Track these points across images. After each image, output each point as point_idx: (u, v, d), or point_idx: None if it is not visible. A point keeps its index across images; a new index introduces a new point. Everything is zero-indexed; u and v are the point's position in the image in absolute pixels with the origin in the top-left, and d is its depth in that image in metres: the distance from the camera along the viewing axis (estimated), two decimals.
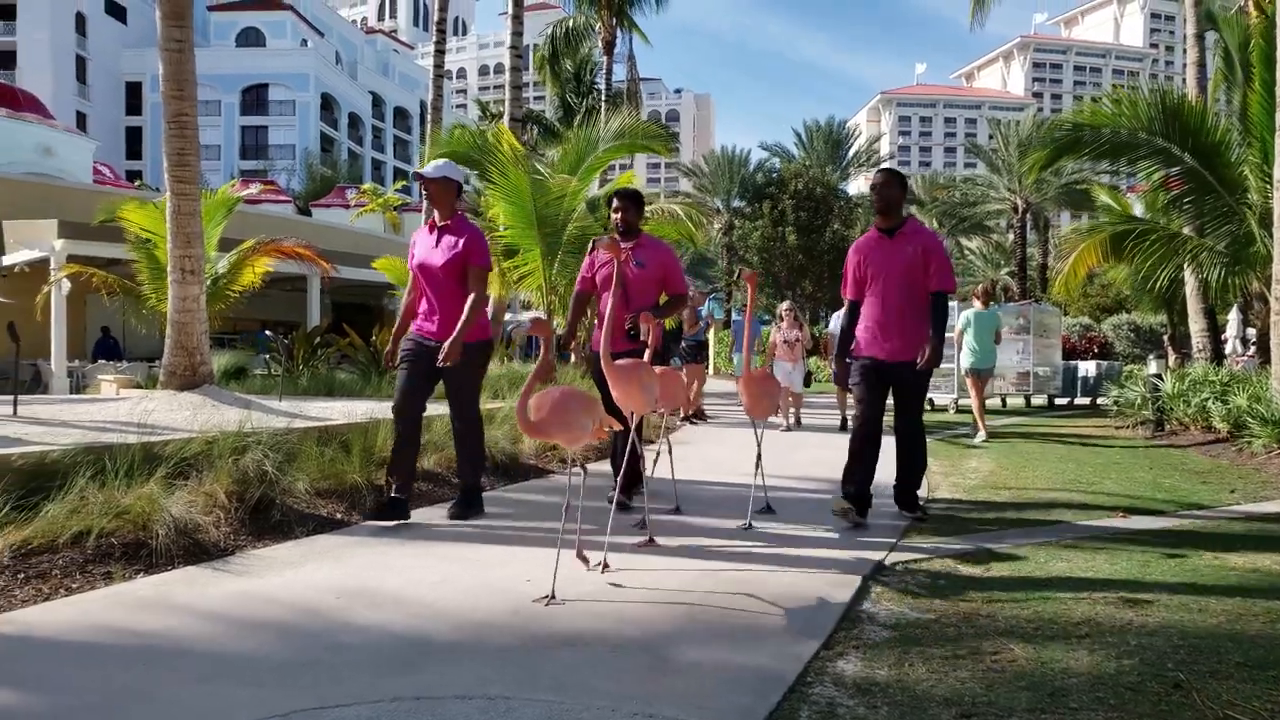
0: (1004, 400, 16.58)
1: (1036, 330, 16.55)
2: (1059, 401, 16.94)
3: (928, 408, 14.73)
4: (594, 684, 2.66)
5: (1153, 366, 11.17)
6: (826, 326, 13.79)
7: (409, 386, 4.94)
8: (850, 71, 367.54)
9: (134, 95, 61.28)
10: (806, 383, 12.19)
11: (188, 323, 7.66)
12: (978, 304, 11.34)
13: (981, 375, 11.04)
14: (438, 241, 4.96)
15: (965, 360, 11.22)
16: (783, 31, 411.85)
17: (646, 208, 16.96)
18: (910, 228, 5.18)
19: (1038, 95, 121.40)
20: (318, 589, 3.62)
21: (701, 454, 8.32)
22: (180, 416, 6.32)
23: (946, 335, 8.53)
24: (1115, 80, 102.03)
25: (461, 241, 4.91)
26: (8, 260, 18.92)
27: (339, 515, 4.96)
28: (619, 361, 4.36)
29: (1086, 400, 16.74)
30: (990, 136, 44.11)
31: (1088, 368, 17.48)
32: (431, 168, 5.03)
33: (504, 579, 3.75)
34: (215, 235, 11.22)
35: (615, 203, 5.54)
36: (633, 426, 4.71)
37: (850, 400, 10.98)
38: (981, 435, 10.26)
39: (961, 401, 14.26)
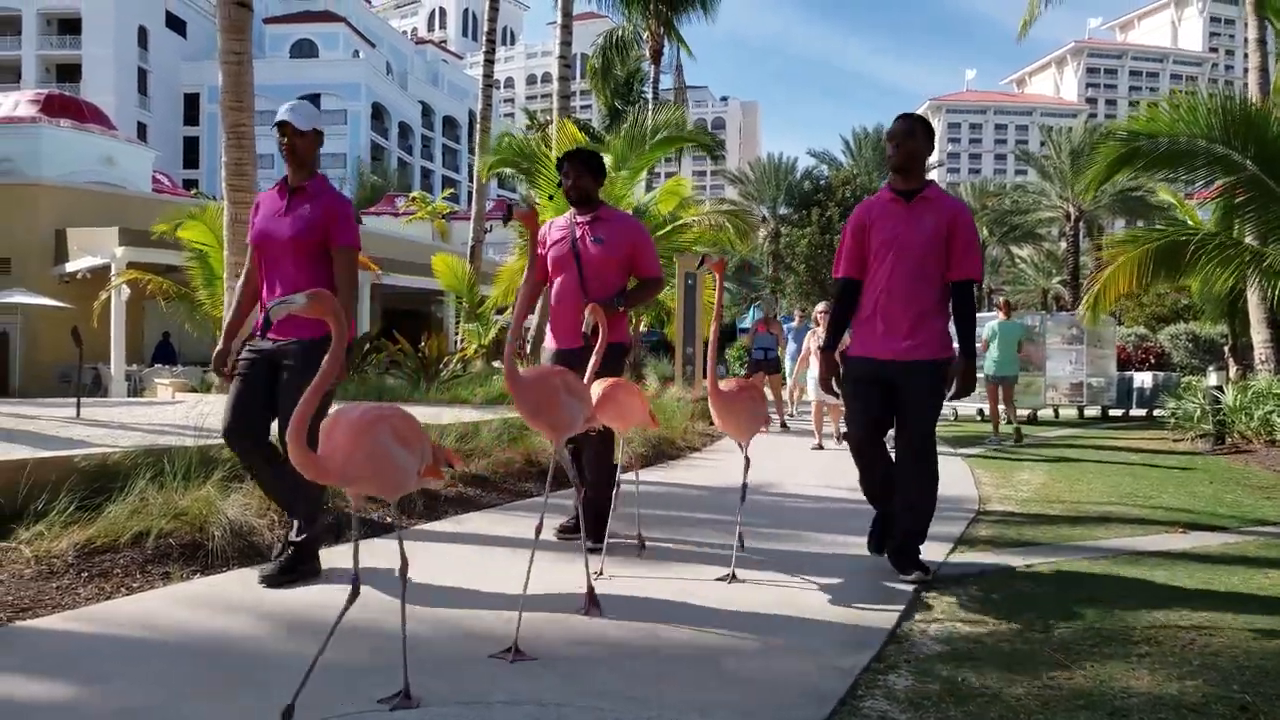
0: (1056, 411, 16.31)
1: (1090, 340, 16.26)
2: (1113, 413, 16.61)
3: (976, 417, 14.44)
4: (642, 692, 2.65)
5: (1213, 378, 10.91)
6: None
7: (242, 401, 3.79)
8: (899, 78, 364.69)
9: (192, 106, 62.74)
10: None
11: (242, 328, 7.78)
12: (1000, 315, 12.08)
13: (1004, 383, 11.71)
14: (288, 208, 3.89)
15: (987, 368, 11.79)
16: (831, 39, 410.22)
17: (691, 215, 16.96)
18: (933, 193, 4.07)
19: (1091, 101, 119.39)
20: (366, 592, 3.65)
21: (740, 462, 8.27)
22: None
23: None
24: (1173, 85, 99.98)
25: (319, 209, 3.83)
26: (71, 267, 19.48)
27: (389, 519, 5.01)
28: (524, 371, 3.35)
29: (1142, 412, 16.38)
30: (1042, 143, 43.44)
31: (1143, 378, 17.13)
32: (289, 110, 3.94)
33: (550, 585, 3.75)
34: None
35: (565, 166, 4.60)
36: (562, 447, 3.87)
37: (828, 415, 10.37)
38: (998, 439, 11.05)
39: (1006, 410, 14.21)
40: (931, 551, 4.58)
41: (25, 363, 20.64)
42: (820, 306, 11.46)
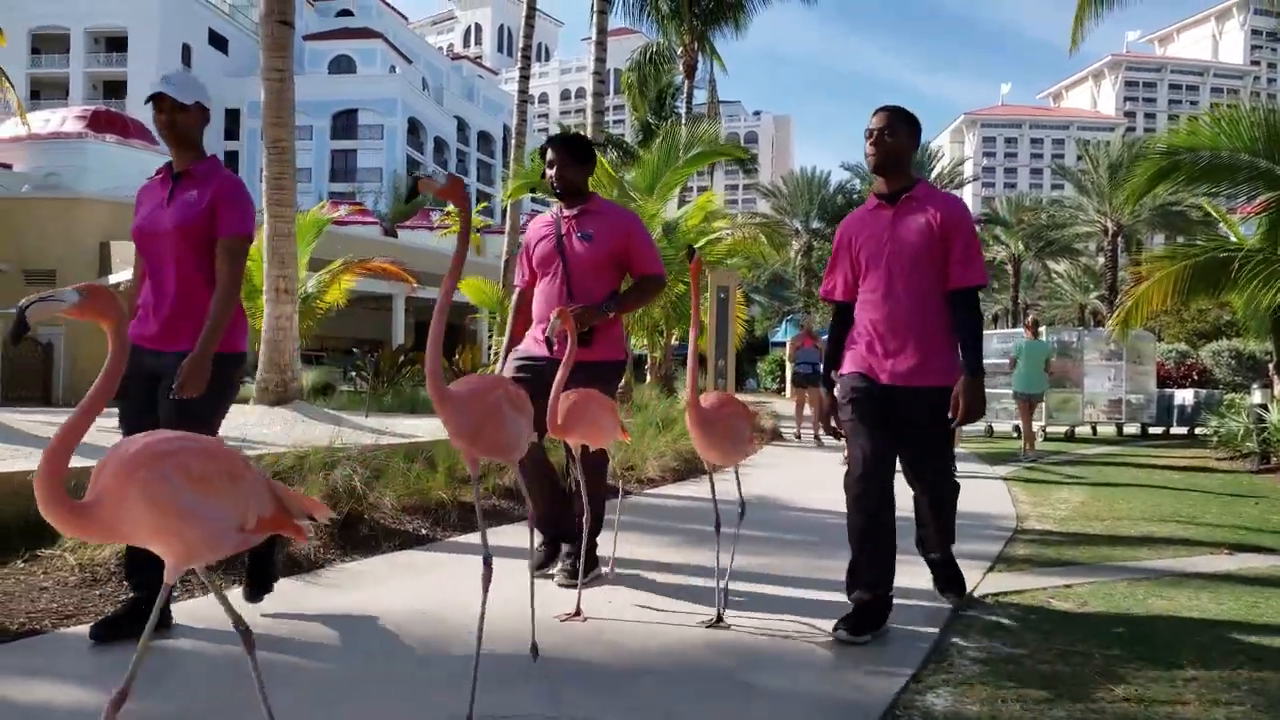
0: (1094, 428, 16.09)
1: (1130, 356, 16.04)
2: (1153, 431, 16.36)
3: (1013, 434, 14.19)
4: (677, 708, 2.64)
5: (1257, 395, 10.72)
6: None
7: (129, 428, 3.18)
8: (933, 92, 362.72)
9: (232, 121, 63.77)
10: None
11: (281, 340, 7.90)
12: (1028, 334, 12.28)
13: (1030, 400, 11.93)
14: (171, 196, 3.28)
15: (1015, 385, 12.06)
16: (865, 53, 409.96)
17: (723, 224, 16.89)
18: (923, 192, 3.57)
19: (1130, 115, 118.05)
20: (404, 605, 3.67)
21: (784, 477, 8.24)
22: (273, 431, 6.52)
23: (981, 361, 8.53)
24: (1214, 98, 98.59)
25: (207, 194, 3.23)
26: (114, 279, 19.82)
27: (424, 531, 5.04)
28: (456, 385, 2.81)
29: (1183, 430, 16.11)
30: (1079, 158, 42.99)
31: (1184, 396, 16.86)
32: (166, 82, 3.23)
33: (586, 599, 3.75)
34: (306, 255, 11.61)
35: (548, 154, 4.11)
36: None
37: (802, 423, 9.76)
38: (1029, 455, 11.11)
39: (1042, 426, 14.31)
40: (969, 571, 4.52)
41: (68, 372, 21.04)
42: None
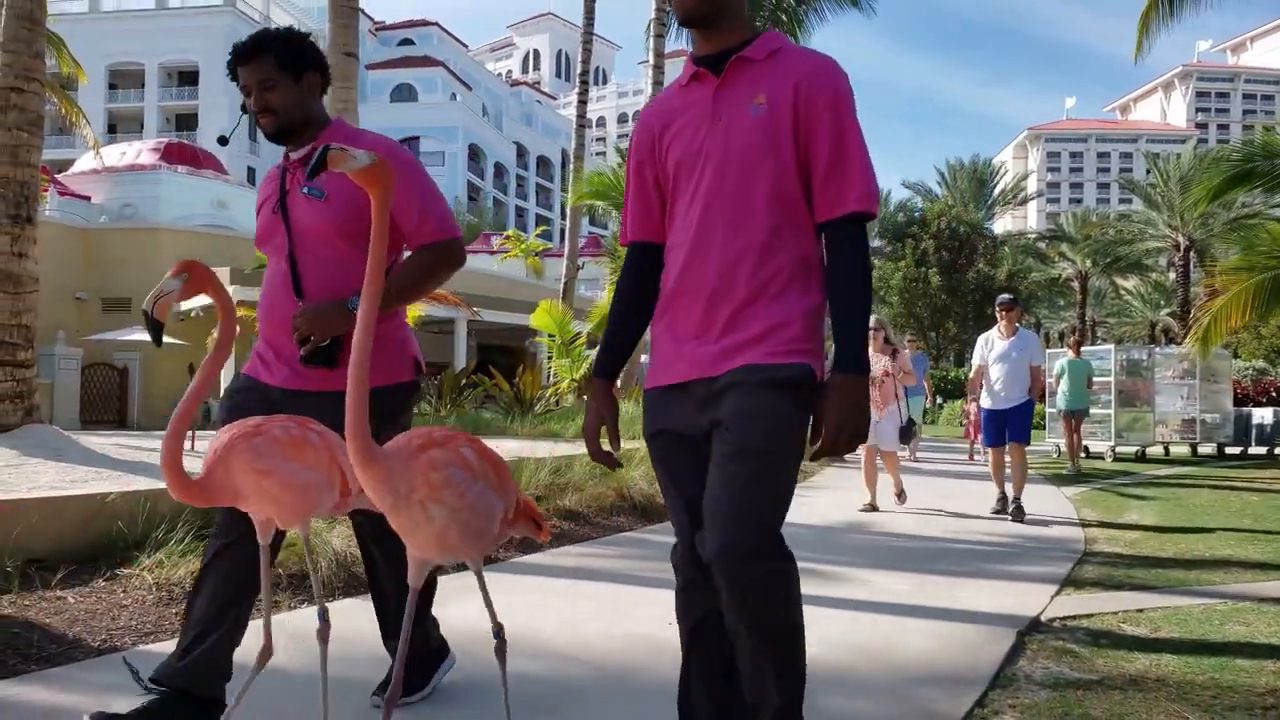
0: (1167, 448, 15.62)
1: (1204, 374, 15.57)
2: (1230, 451, 15.84)
3: (1082, 454, 13.68)
4: None
5: None
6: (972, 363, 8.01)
7: None
8: (996, 108, 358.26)
9: None
10: (905, 436, 8.18)
11: None
12: (1071, 354, 12.51)
13: (1075, 416, 12.18)
14: None
15: (1060, 403, 12.43)
16: (923, 71, 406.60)
17: None
18: (763, 48, 1.99)
19: (1202, 126, 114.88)
20: (464, 627, 3.71)
21: (844, 500, 8.16)
22: None
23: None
24: None
25: None
26: (185, 305, 20.47)
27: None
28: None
29: (1262, 450, 15.57)
30: (1148, 171, 42.02)
31: (1263, 414, 16.29)
32: None
33: (644, 621, 3.76)
34: None
35: (241, 76, 2.54)
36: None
37: (883, 466, 7.61)
38: (1071, 468, 11.62)
39: (1094, 446, 14.51)
40: (1036, 594, 4.44)
41: (143, 397, 21.74)
42: (872, 320, 6.46)
